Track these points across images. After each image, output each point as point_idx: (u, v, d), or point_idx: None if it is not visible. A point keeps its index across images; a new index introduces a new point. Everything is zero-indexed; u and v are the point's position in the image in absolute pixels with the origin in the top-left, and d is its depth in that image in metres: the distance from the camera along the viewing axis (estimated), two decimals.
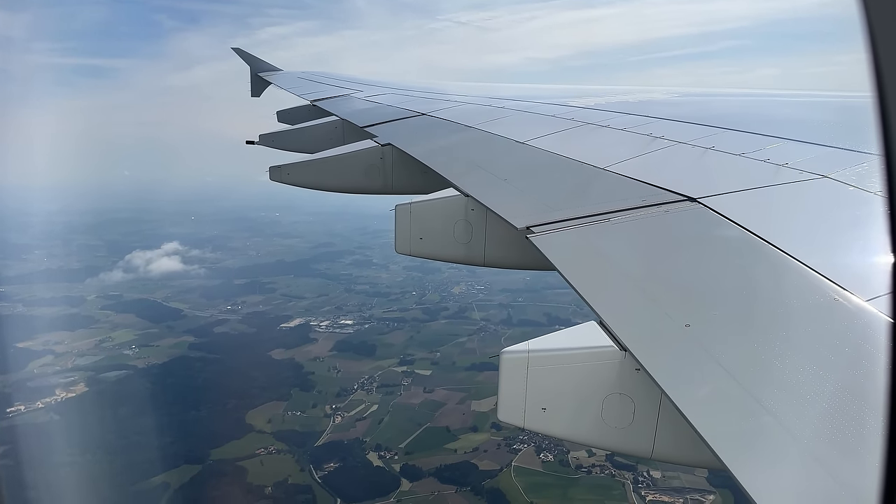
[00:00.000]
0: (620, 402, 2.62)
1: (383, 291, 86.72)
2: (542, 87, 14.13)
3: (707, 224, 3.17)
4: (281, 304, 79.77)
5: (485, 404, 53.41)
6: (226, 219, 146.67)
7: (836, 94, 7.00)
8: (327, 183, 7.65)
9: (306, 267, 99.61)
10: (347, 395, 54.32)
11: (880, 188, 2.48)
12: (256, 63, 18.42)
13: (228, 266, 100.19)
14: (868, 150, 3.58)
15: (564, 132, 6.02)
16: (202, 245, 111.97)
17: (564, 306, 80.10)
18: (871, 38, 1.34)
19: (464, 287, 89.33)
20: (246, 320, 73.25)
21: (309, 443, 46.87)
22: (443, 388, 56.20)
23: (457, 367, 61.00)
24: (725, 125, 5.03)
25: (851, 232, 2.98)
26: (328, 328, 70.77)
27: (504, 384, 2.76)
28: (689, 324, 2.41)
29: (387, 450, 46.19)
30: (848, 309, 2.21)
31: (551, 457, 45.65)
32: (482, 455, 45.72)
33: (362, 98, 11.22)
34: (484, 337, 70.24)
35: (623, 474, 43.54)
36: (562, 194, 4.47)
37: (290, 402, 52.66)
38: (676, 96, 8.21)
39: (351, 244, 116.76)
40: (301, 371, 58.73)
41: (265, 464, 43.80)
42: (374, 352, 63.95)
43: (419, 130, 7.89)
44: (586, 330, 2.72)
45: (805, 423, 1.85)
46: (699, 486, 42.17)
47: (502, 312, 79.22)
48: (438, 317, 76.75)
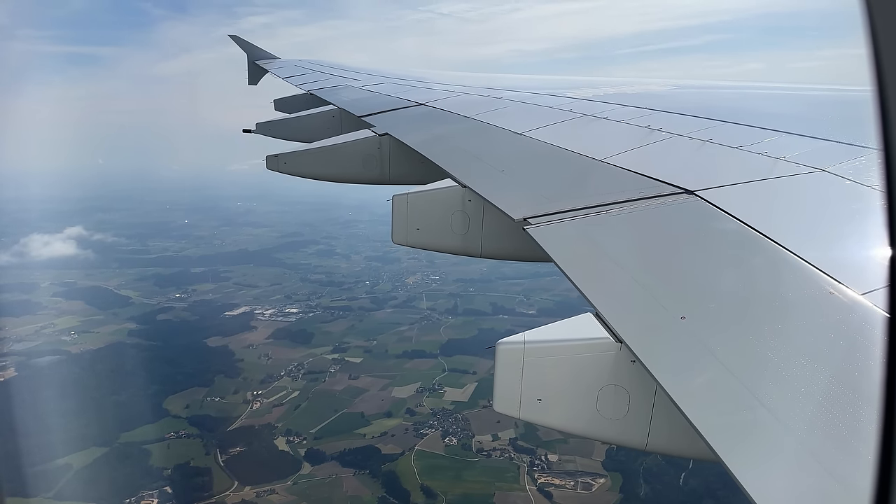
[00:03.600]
0: (615, 393, 2.62)
1: (338, 281, 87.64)
2: (539, 78, 14.13)
3: (704, 217, 3.17)
4: (231, 293, 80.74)
5: (405, 391, 54.61)
6: (201, 207, 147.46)
7: (834, 87, 7.05)
8: (324, 172, 7.58)
9: (268, 256, 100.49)
10: (272, 382, 55.41)
11: (878, 182, 2.79)
12: (253, 51, 18.15)
13: (189, 255, 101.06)
14: (865, 144, 3.58)
15: (562, 123, 5.98)
16: (135, 231, 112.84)
17: (512, 296, 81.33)
18: (872, 33, 1.34)
19: (419, 277, 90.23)
20: (191, 308, 74.29)
21: (221, 428, 48.00)
22: (368, 376, 57.24)
23: (388, 355, 62.02)
24: (723, 118, 5.04)
25: (848, 226, 2.99)
26: (271, 316, 71.80)
27: (500, 375, 2.74)
28: (685, 316, 2.43)
29: (296, 435, 47.32)
30: (843, 302, 2.21)
31: (455, 441, 46.83)
32: (388, 439, 46.84)
33: (360, 87, 11.09)
34: (425, 326, 71.21)
35: (521, 457, 44.64)
36: (559, 186, 4.47)
37: (212, 388, 53.76)
38: (675, 88, 8.21)
39: (319, 234, 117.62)
40: (231, 358, 59.80)
41: (172, 447, 44.99)
42: (311, 340, 64.96)
43: (417, 120, 7.83)
44: (582, 322, 2.72)
45: (799, 416, 1.87)
46: (592, 470, 43.23)
47: (450, 302, 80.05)
48: (385, 306, 77.67)
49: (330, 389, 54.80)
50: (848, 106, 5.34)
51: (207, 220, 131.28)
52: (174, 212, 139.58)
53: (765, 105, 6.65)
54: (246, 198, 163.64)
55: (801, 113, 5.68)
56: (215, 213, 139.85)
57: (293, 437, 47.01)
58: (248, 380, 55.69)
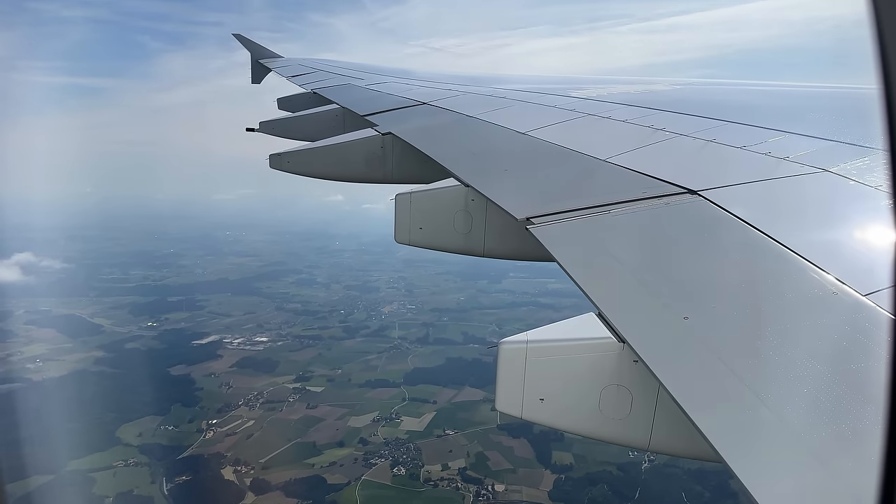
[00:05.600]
0: (618, 393, 2.61)
1: (313, 310, 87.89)
2: (543, 77, 14.24)
3: (707, 217, 3.18)
4: (204, 322, 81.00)
5: (362, 420, 54.62)
6: (190, 237, 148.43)
7: (840, 86, 7.09)
8: (327, 171, 7.54)
9: (248, 285, 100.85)
10: (229, 411, 55.45)
11: (882, 183, 2.99)
12: (257, 49, 18.12)
13: (169, 283, 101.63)
14: (869, 144, 3.59)
15: (565, 123, 5.97)
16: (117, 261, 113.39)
17: (485, 325, 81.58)
18: (879, 32, 1.34)
19: (395, 306, 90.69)
20: (161, 336, 74.52)
21: (171, 456, 47.97)
22: (327, 405, 57.29)
23: (351, 384, 62.15)
24: (727, 117, 5.03)
25: (851, 226, 3.00)
26: (239, 345, 71.94)
27: (502, 375, 2.73)
28: (688, 316, 2.44)
29: (244, 464, 47.21)
30: (847, 303, 2.21)
31: (404, 470, 46.72)
32: (336, 469, 46.75)
33: (363, 86, 11.10)
34: (393, 355, 71.38)
35: (469, 487, 44.51)
36: (562, 185, 4.47)
37: (168, 416, 53.79)
38: (678, 88, 8.18)
39: (302, 263, 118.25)
40: (191, 387, 59.92)
41: (117, 475, 44.93)
42: (275, 368, 65.10)
43: (420, 119, 7.77)
44: (585, 321, 2.73)
45: (803, 417, 1.86)
46: (538, 500, 43.06)
47: (422, 331, 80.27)
48: (357, 335, 77.84)
49: (286, 419, 54.78)
50: (855, 105, 5.36)
51: (194, 249, 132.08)
52: (161, 241, 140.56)
53: (769, 104, 6.65)
54: (236, 227, 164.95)
55: (806, 112, 5.67)
56: (203, 243, 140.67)
57: (241, 467, 46.90)
58: (206, 409, 55.75)
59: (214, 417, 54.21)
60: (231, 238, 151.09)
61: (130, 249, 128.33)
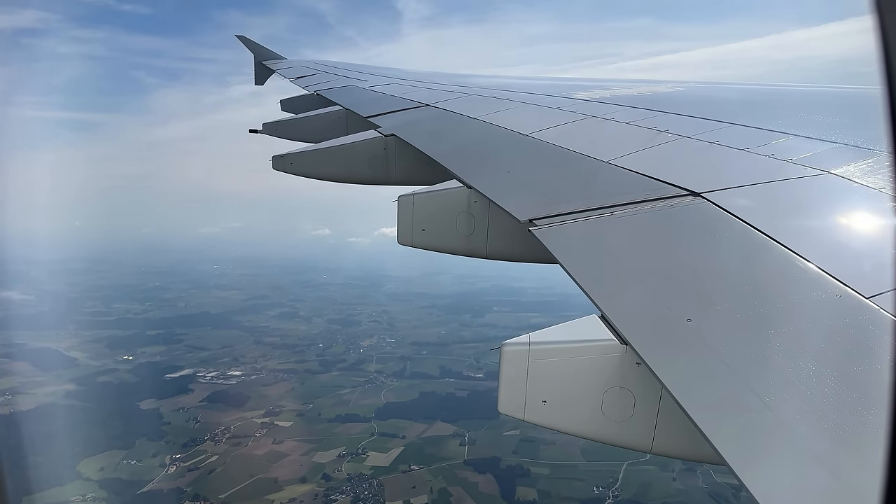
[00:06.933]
0: (621, 395, 2.61)
1: (291, 343, 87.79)
2: (546, 78, 14.05)
3: (710, 219, 3.17)
4: (180, 355, 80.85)
5: (328, 455, 54.34)
6: (176, 270, 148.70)
7: (844, 87, 7.13)
8: (330, 173, 7.54)
9: (229, 319, 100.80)
10: (194, 446, 55.16)
11: (885, 185, 2.98)
12: (260, 51, 18.09)
13: (150, 317, 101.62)
14: (872, 146, 3.59)
15: (568, 125, 5.96)
16: None
17: (463, 359, 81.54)
18: (882, 34, 1.33)
19: (374, 340, 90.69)
20: (135, 370, 74.29)
21: (130, 491, 47.60)
22: (294, 440, 56.99)
23: (320, 419, 61.92)
24: (730, 119, 5.00)
25: (854, 229, 3.01)
26: (212, 379, 71.75)
27: (505, 377, 2.73)
28: (691, 319, 2.43)
29: (204, 500, 46.90)
30: (850, 306, 2.21)
31: None
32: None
33: (366, 88, 11.08)
34: (367, 389, 71.21)
35: None
36: (565, 187, 4.46)
37: (132, 451, 53.50)
38: (682, 89, 8.18)
39: (286, 297, 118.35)
40: (159, 421, 59.64)
41: None
42: (245, 403, 64.87)
43: (423, 121, 7.79)
44: (587, 323, 2.73)
45: (806, 420, 1.85)
46: None
47: (399, 365, 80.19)
48: (333, 369, 77.70)
49: (250, 454, 54.44)
50: (859, 108, 5.36)
51: (179, 282, 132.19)
52: (147, 274, 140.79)
53: (772, 106, 6.68)
54: (223, 260, 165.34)
55: (810, 114, 5.67)
56: (188, 276, 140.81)
57: (200, 503, 46.59)
58: (171, 443, 55.47)
59: (179, 452, 53.91)
60: (217, 272, 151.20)
61: (115, 283, 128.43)
